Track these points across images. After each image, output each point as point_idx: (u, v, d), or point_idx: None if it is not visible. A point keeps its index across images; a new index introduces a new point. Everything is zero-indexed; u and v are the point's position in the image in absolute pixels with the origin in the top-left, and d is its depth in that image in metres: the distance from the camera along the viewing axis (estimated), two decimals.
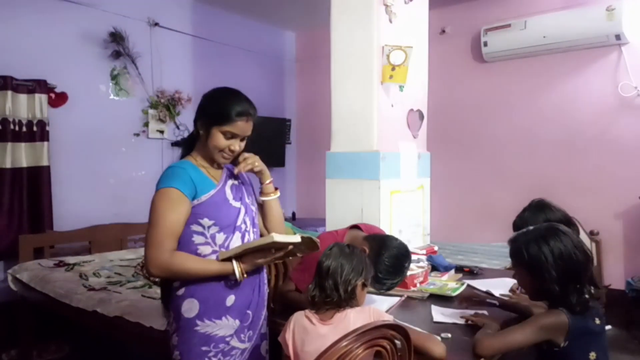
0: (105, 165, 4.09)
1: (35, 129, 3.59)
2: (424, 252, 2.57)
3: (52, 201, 3.67)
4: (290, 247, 1.55)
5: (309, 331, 1.46)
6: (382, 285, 1.91)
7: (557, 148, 4.32)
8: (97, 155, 4.04)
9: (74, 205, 3.87)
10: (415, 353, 1.42)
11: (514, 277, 1.71)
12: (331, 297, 1.47)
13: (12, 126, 3.48)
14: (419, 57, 2.98)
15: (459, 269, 2.65)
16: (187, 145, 1.72)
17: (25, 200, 3.57)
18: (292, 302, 1.91)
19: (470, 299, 2.06)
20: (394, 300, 2.05)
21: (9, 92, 3.45)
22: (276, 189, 1.80)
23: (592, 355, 1.50)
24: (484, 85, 4.70)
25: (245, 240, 1.64)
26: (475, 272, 2.61)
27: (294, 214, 5.63)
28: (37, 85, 3.59)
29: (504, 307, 1.93)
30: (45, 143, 3.63)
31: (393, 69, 2.64)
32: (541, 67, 4.37)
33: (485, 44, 4.49)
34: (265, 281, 1.77)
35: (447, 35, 4.84)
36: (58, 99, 3.78)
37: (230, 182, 1.69)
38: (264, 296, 1.73)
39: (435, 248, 2.71)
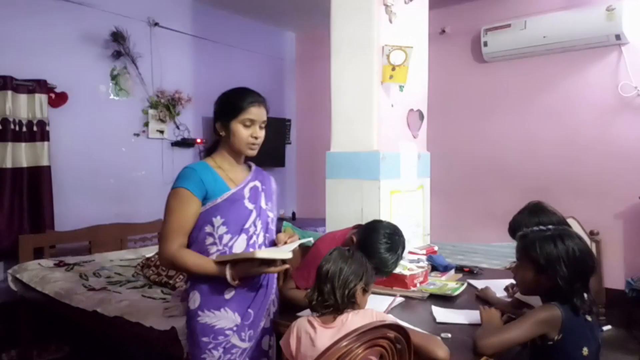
0: (105, 165, 4.09)
1: (35, 129, 3.59)
2: (424, 252, 2.57)
3: (53, 201, 3.67)
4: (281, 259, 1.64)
5: (312, 336, 1.46)
6: (385, 267, 1.89)
7: (557, 148, 4.32)
8: (97, 156, 4.04)
9: (74, 205, 3.87)
10: (418, 355, 1.42)
11: (513, 270, 1.71)
12: (329, 301, 1.47)
13: (12, 126, 3.49)
14: (419, 57, 2.97)
15: (459, 269, 2.65)
16: (211, 149, 1.81)
17: (26, 200, 3.57)
18: (290, 300, 1.92)
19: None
20: (394, 298, 2.04)
21: (9, 92, 3.45)
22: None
23: (585, 350, 1.52)
24: (484, 85, 4.69)
25: (251, 242, 1.71)
26: (475, 272, 2.61)
27: (294, 214, 5.63)
28: (37, 85, 3.59)
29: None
30: (46, 143, 3.63)
31: (393, 69, 2.64)
32: (541, 67, 4.37)
33: (485, 44, 4.49)
34: (274, 284, 1.84)
35: (447, 35, 4.84)
36: (58, 99, 3.78)
37: (252, 184, 1.76)
38: (269, 297, 1.79)
39: (435, 248, 2.71)
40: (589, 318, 1.55)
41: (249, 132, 1.70)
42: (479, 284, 2.32)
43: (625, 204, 4.00)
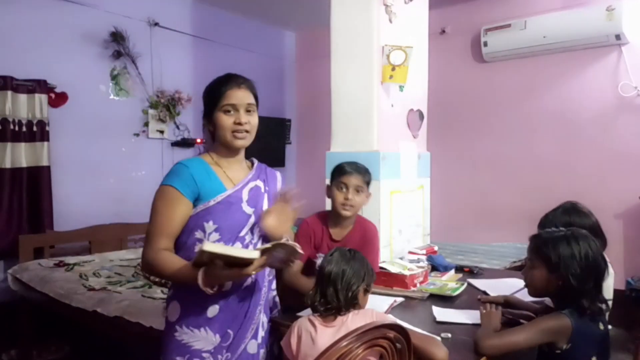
0: (105, 165, 4.09)
1: (35, 129, 3.59)
2: (424, 252, 2.57)
3: (52, 201, 3.68)
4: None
5: (312, 334, 1.46)
6: (345, 165, 2.03)
7: (557, 148, 4.32)
8: (97, 155, 4.04)
9: (74, 205, 3.87)
10: (417, 355, 1.42)
11: (524, 272, 1.68)
12: (332, 304, 1.47)
13: (12, 126, 3.49)
14: (419, 57, 2.97)
15: (459, 269, 2.65)
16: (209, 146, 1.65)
17: (25, 200, 3.57)
18: (291, 286, 1.88)
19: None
20: (394, 300, 2.04)
21: (9, 92, 3.45)
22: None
23: (594, 359, 1.50)
24: (484, 85, 4.69)
25: None
26: (475, 272, 2.61)
27: None
28: (37, 85, 3.59)
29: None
30: (45, 143, 3.63)
31: (393, 69, 2.64)
32: (541, 67, 4.37)
33: (485, 44, 4.49)
34: (262, 299, 1.59)
35: (447, 35, 4.84)
36: (58, 99, 3.78)
37: (252, 184, 1.57)
38: (252, 316, 1.55)
39: (435, 248, 2.71)
40: (601, 327, 1.52)
41: (232, 118, 1.50)
42: (479, 284, 2.32)
43: (625, 204, 4.00)
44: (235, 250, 1.36)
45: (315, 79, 5.45)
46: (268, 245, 1.38)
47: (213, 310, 1.48)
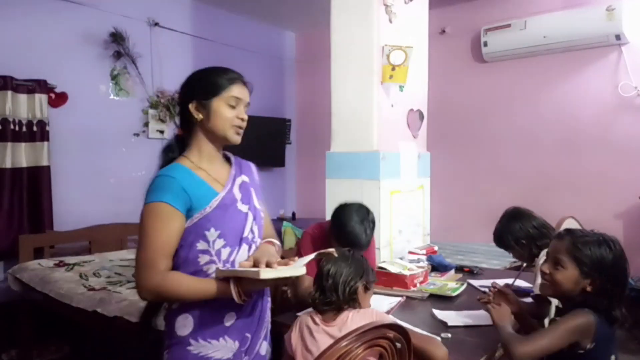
0: (105, 165, 4.09)
1: (35, 129, 3.59)
2: (424, 252, 2.57)
3: (52, 201, 3.67)
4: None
5: (313, 332, 1.47)
6: (357, 239, 1.94)
7: (557, 148, 4.32)
8: (97, 155, 4.03)
9: (74, 205, 3.87)
10: (416, 355, 1.42)
11: (544, 268, 1.57)
12: (330, 299, 1.48)
13: (12, 126, 3.48)
14: (419, 57, 2.98)
15: (459, 269, 2.65)
16: (179, 147, 1.50)
17: (25, 200, 3.56)
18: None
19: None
20: (394, 300, 2.05)
21: (9, 92, 3.45)
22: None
23: (613, 358, 1.48)
24: (484, 85, 4.69)
25: (252, 252, 1.46)
26: (475, 272, 2.62)
27: (294, 214, 5.63)
28: (37, 85, 3.59)
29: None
30: (45, 143, 3.63)
31: (393, 69, 2.64)
32: (541, 67, 4.37)
33: (485, 44, 4.49)
34: (268, 297, 1.59)
35: (447, 35, 4.84)
36: (58, 99, 3.78)
37: (239, 180, 1.49)
38: (264, 316, 1.53)
39: (435, 248, 2.71)
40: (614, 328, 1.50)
41: (235, 112, 1.42)
42: (479, 284, 2.32)
43: (625, 204, 4.00)
44: (288, 271, 1.31)
45: (315, 79, 5.45)
46: (311, 256, 1.40)
47: (230, 318, 1.42)
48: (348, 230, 1.94)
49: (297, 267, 1.33)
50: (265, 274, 1.26)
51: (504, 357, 1.53)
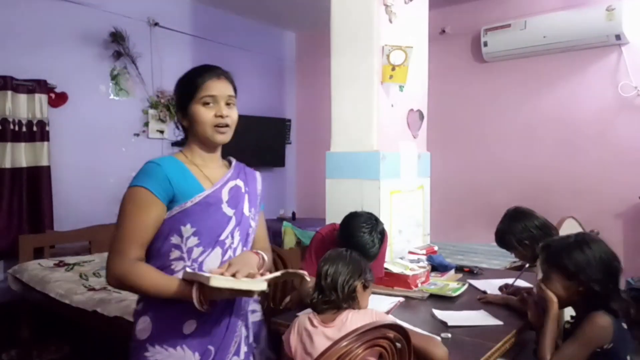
0: (105, 165, 4.09)
1: (35, 129, 3.59)
2: (424, 252, 2.57)
3: (52, 201, 3.67)
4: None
5: (311, 333, 1.47)
6: (366, 249, 1.93)
7: (557, 148, 4.32)
8: (97, 155, 4.03)
9: (74, 205, 3.87)
10: (416, 355, 1.42)
11: (543, 281, 1.63)
12: (329, 297, 1.48)
13: (12, 126, 3.48)
14: (419, 57, 2.97)
15: (459, 269, 2.65)
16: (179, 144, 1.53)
17: (25, 200, 3.57)
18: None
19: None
20: (394, 300, 2.04)
21: (9, 92, 3.45)
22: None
23: (628, 359, 1.50)
24: (484, 85, 4.69)
25: (226, 258, 1.38)
26: (475, 272, 2.62)
27: (294, 214, 5.63)
28: (37, 85, 3.59)
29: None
30: (45, 143, 3.63)
31: (393, 69, 2.64)
32: (541, 67, 4.37)
33: (485, 44, 4.49)
34: (250, 310, 1.49)
35: (447, 35, 4.84)
36: (58, 99, 3.78)
37: (232, 183, 1.44)
38: (234, 329, 1.40)
39: (435, 248, 2.71)
40: (624, 325, 1.52)
41: (212, 111, 1.38)
42: (479, 284, 2.32)
43: (625, 204, 4.00)
44: (244, 283, 1.24)
45: (315, 79, 5.45)
46: (277, 274, 1.35)
47: (190, 326, 1.33)
48: (356, 240, 1.92)
49: (257, 282, 1.26)
50: (216, 281, 1.18)
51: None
